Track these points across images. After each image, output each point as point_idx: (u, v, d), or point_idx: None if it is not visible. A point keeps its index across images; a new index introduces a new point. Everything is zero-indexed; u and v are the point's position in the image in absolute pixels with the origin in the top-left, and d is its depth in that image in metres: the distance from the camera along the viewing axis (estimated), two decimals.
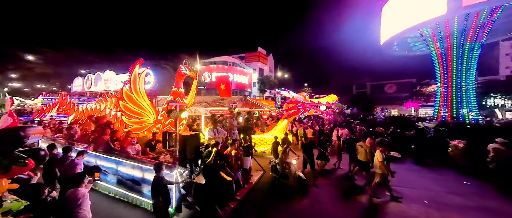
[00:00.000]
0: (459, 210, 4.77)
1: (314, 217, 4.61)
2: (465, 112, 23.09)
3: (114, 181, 5.64)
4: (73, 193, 3.08)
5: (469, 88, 23.26)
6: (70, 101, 9.29)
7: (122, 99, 5.57)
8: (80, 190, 3.14)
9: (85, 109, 8.70)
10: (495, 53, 36.15)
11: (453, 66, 23.77)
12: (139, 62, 5.56)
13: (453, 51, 23.21)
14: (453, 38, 22.63)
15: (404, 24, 24.91)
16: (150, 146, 5.86)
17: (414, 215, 4.59)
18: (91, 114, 8.45)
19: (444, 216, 4.56)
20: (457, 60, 23.30)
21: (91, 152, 6.17)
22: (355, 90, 53.61)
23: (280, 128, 8.88)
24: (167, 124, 6.19)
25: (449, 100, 24.07)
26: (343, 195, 5.59)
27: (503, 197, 5.35)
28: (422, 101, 40.62)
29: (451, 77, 23.93)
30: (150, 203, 4.84)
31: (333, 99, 8.46)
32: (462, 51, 22.86)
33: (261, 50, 42.09)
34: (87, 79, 28.19)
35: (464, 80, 23.17)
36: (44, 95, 22.30)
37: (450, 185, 6.14)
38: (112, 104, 8.12)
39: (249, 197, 5.34)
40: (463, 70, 23.22)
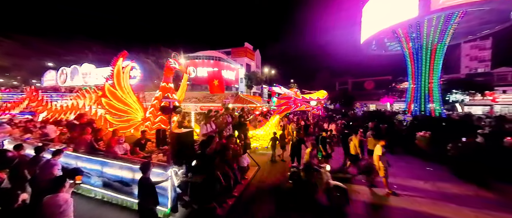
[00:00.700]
0: (420, 191, 5.54)
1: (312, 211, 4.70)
2: (432, 106, 25.42)
3: (99, 183, 5.19)
4: (52, 199, 2.77)
5: (435, 85, 25.58)
6: (42, 97, 8.25)
7: (105, 96, 5.07)
8: (61, 195, 2.83)
9: (60, 106, 7.81)
10: (457, 54, 40.09)
11: (423, 65, 25.89)
12: (122, 55, 5.06)
13: (423, 51, 25.29)
14: (423, 39, 24.64)
15: (381, 25, 26.88)
16: (140, 145, 5.47)
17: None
18: (67, 111, 7.62)
19: (409, 198, 5.22)
20: (426, 59, 25.47)
21: (71, 153, 5.60)
22: (338, 86, 55.82)
23: (272, 124, 8.89)
24: (156, 121, 5.81)
25: (420, 95, 26.24)
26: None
27: (456, 179, 6.35)
28: (396, 97, 43.69)
29: (421, 75, 26.11)
30: None
31: (323, 95, 8.67)
32: (430, 51, 25.02)
33: (248, 45, 41.40)
34: (62, 73, 25.42)
35: (431, 78, 25.42)
36: (3, 91, 19.55)
37: (415, 171, 6.98)
38: (92, 101, 7.41)
39: (246, 193, 5.29)
40: (431, 69, 25.47)
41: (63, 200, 2.78)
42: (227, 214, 4.34)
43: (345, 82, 56.03)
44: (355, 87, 53.20)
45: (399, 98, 43.11)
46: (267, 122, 8.96)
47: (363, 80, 52.17)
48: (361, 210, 4.66)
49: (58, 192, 2.85)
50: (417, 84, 26.13)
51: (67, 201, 2.82)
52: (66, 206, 2.77)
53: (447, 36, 23.86)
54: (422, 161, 8.04)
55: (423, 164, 7.73)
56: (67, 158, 5.73)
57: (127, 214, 4.52)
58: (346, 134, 6.97)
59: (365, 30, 30.88)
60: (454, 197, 5.27)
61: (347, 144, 6.46)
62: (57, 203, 2.73)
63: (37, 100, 7.87)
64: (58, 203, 2.74)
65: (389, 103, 44.70)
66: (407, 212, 4.63)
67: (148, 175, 3.47)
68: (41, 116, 7.93)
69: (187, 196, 4.39)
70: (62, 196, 2.83)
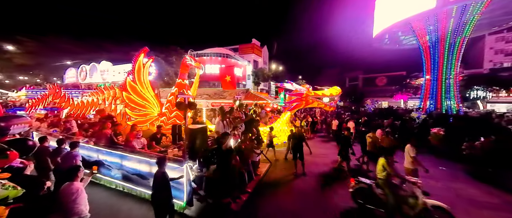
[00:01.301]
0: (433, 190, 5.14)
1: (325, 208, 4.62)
2: (451, 103, 24.02)
3: (119, 176, 5.40)
4: (68, 187, 2.92)
5: (451, 81, 24.08)
6: (65, 94, 8.70)
7: (125, 90, 5.23)
8: (75, 184, 2.97)
9: (81, 102, 8.19)
10: (480, 47, 37.38)
11: (441, 59, 24.36)
12: (143, 51, 5.16)
13: (440, 44, 23.75)
14: (441, 32, 23.11)
15: (395, 17, 25.23)
16: (156, 139, 5.62)
17: None
18: (88, 107, 7.97)
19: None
20: (444, 53, 23.90)
21: (92, 146, 5.86)
22: (348, 83, 54.27)
23: (283, 120, 8.80)
24: (172, 116, 5.92)
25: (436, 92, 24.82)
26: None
27: (471, 180, 6.04)
28: (411, 94, 41.79)
29: (437, 70, 24.63)
30: None
31: (337, 92, 8.40)
32: (448, 45, 23.42)
33: (255, 41, 41.03)
34: (81, 70, 26.64)
35: (449, 73, 23.90)
36: (28, 88, 20.87)
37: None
38: (111, 97, 7.68)
39: (259, 189, 5.29)
40: (449, 64, 23.91)
41: (75, 189, 2.92)
42: (241, 210, 4.37)
43: (356, 78, 54.32)
44: (366, 84, 51.44)
45: (414, 95, 41.21)
46: (278, 118, 8.87)
47: (375, 76, 50.32)
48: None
49: (73, 180, 3.00)
50: (434, 80, 24.73)
51: (78, 190, 2.94)
52: (77, 194, 2.90)
53: (469, 28, 22.22)
54: (435, 158, 7.69)
55: (436, 162, 7.35)
56: (89, 151, 6.03)
57: (146, 206, 4.67)
58: (363, 132, 6.75)
59: (378, 23, 29.35)
60: (470, 200, 4.97)
61: (365, 142, 6.24)
62: (71, 192, 2.88)
63: (60, 97, 8.33)
64: (71, 191, 2.88)
65: (402, 100, 42.85)
66: None
67: (164, 169, 3.54)
68: (65, 111, 8.38)
69: (202, 190, 4.46)
70: (76, 185, 2.96)
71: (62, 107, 8.57)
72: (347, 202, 4.60)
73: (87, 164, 5.91)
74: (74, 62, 31.77)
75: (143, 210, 4.48)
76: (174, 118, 5.89)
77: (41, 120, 7.89)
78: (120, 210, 4.58)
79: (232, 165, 4.26)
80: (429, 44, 24.41)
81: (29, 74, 40.35)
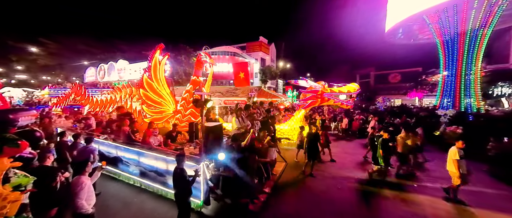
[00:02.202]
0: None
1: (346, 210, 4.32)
2: (471, 101, 22.34)
3: (136, 172, 5.40)
4: (75, 180, 3.03)
5: (472, 77, 22.31)
6: (85, 91, 8.94)
7: (142, 87, 5.18)
8: (82, 178, 3.03)
9: (100, 100, 8.36)
10: (507, 41, 34.37)
11: (464, 54, 22.56)
12: (159, 47, 5.07)
13: (460, 38, 21.99)
14: (461, 25, 21.32)
15: (410, 10, 23.37)
16: (171, 137, 5.55)
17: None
18: (107, 104, 8.12)
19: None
20: (464, 48, 22.11)
21: (111, 143, 5.92)
22: (359, 80, 52.29)
23: (297, 118, 8.48)
24: (187, 114, 5.83)
25: (458, 89, 23.12)
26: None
27: (494, 181, 5.69)
28: (427, 91, 39.54)
29: (455, 66, 22.90)
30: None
31: (355, 89, 7.95)
32: (469, 38, 21.61)
33: (262, 39, 40.24)
34: (100, 69, 27.51)
35: (470, 69, 22.14)
36: (50, 87, 21.96)
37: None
38: (128, 95, 7.75)
39: (277, 190, 5.06)
40: (470, 58, 22.10)
41: (80, 182, 2.96)
42: (260, 211, 4.18)
43: (367, 75, 52.15)
44: (378, 81, 49.22)
45: (430, 92, 38.91)
46: (292, 116, 8.57)
47: (387, 73, 48.07)
48: None
49: (81, 174, 3.07)
50: (452, 76, 23.00)
51: (82, 183, 2.97)
52: (80, 188, 2.94)
53: (495, 20, 20.33)
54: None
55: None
56: (108, 147, 6.11)
57: (162, 203, 4.62)
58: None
59: (391, 17, 27.47)
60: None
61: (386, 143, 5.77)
62: (75, 184, 2.95)
63: (81, 95, 8.56)
64: (76, 184, 2.95)
65: (417, 98, 40.62)
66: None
67: (182, 165, 3.43)
68: (86, 109, 8.62)
69: (218, 189, 4.31)
70: (82, 179, 3.01)
71: (83, 104, 8.82)
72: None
73: (106, 159, 6.03)
74: (91, 62, 33.10)
75: (161, 207, 4.43)
76: (189, 115, 5.79)
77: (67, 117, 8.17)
78: (134, 204, 4.58)
79: (251, 165, 4.06)
80: (448, 38, 22.68)
81: (51, 74, 42.55)
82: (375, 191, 5.05)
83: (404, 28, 28.06)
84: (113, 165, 5.85)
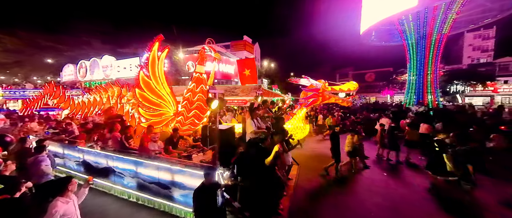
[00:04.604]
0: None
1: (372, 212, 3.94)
2: (431, 98, 24.39)
3: (133, 184, 4.46)
4: (49, 206, 2.25)
5: (429, 77, 24.50)
6: (63, 93, 7.44)
7: (138, 87, 4.23)
8: (55, 203, 2.25)
9: (82, 102, 7.02)
10: (460, 44, 38.11)
11: (423, 56, 24.64)
12: (158, 39, 4.14)
13: (422, 41, 23.98)
14: (423, 29, 23.31)
15: (380, 15, 25.18)
16: (173, 143, 4.68)
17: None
18: (90, 106, 6.83)
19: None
20: (425, 50, 24.15)
21: (100, 152, 4.86)
22: (338, 79, 54.18)
23: (299, 117, 8.03)
24: (190, 116, 4.98)
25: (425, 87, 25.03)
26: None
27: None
28: (397, 89, 42.26)
29: (418, 66, 24.96)
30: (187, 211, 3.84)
31: (354, 87, 7.72)
32: (430, 42, 23.66)
33: (246, 38, 39.05)
34: (80, 66, 24.04)
35: (431, 69, 24.25)
36: (5, 88, 18.29)
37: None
38: (115, 95, 6.59)
39: (297, 195, 4.52)
40: (431, 60, 24.22)
41: (50, 210, 2.22)
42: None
43: (346, 74, 54.23)
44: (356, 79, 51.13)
45: (399, 90, 41.70)
46: (294, 115, 8.10)
47: (364, 72, 50.50)
48: None
49: (58, 196, 2.34)
50: (418, 76, 24.99)
51: (52, 210, 2.23)
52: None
53: (447, 25, 22.50)
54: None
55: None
56: (95, 156, 5.03)
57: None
58: (392, 128, 6.11)
59: (364, 21, 29.24)
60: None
61: (396, 139, 5.58)
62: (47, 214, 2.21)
63: (59, 96, 7.08)
64: (48, 213, 2.20)
65: (389, 95, 43.32)
66: None
67: (214, 180, 2.66)
68: (64, 112, 7.17)
69: (236, 202, 3.62)
70: (53, 204, 2.27)
71: (61, 107, 7.35)
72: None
73: (94, 170, 4.96)
74: (56, 59, 28.99)
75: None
76: (193, 118, 4.96)
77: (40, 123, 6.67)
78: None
79: (274, 172, 3.45)
80: (412, 41, 24.63)
81: (6, 74, 36.04)
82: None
83: (376, 31, 29.83)
84: (102, 177, 4.81)
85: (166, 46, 4.41)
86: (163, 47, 4.35)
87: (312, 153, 7.45)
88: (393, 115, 11.40)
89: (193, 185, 3.73)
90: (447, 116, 9.78)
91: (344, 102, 7.88)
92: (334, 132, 5.49)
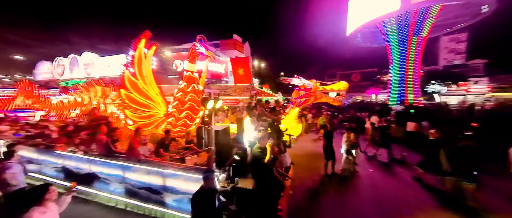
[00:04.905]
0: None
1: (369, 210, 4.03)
2: (411, 97, 26.08)
3: (120, 190, 4.16)
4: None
5: (410, 77, 26.21)
6: (39, 93, 6.77)
7: (124, 88, 3.93)
8: (30, 213, 1.99)
9: (61, 102, 6.44)
10: (437, 47, 40.84)
11: (404, 57, 26.29)
12: (144, 36, 3.86)
13: (403, 43, 25.61)
14: (404, 32, 24.95)
15: (365, 18, 26.73)
16: (164, 145, 4.43)
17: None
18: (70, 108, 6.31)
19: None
20: (406, 51, 25.78)
21: (82, 156, 4.48)
22: (326, 79, 55.68)
23: (292, 116, 8.08)
24: (181, 117, 4.76)
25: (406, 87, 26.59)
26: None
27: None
28: (381, 88, 44.30)
29: (398, 67, 26.61)
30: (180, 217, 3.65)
31: (344, 86, 7.91)
32: (410, 44, 25.33)
33: (236, 37, 38.26)
34: (58, 64, 21.98)
35: (410, 69, 25.95)
36: None
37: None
38: (98, 95, 6.14)
39: (296, 195, 4.49)
40: (410, 60, 25.93)
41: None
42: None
43: (334, 74, 55.85)
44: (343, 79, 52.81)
45: (383, 89, 43.78)
46: (287, 114, 8.12)
47: (351, 73, 52.34)
48: None
49: (34, 205, 2.07)
50: (401, 76, 26.58)
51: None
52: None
53: (426, 28, 24.21)
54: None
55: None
56: (77, 161, 4.63)
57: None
58: (384, 127, 6.32)
59: (351, 23, 30.74)
60: None
61: (388, 137, 5.77)
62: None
63: (34, 97, 6.42)
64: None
65: (374, 94, 45.29)
66: None
67: (214, 185, 2.50)
68: (39, 114, 6.52)
69: (233, 205, 3.50)
70: (28, 215, 2.00)
71: (36, 109, 6.69)
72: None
73: (76, 177, 4.56)
74: (27, 56, 26.41)
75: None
76: (185, 119, 4.73)
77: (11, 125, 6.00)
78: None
79: (273, 173, 3.38)
80: (394, 43, 26.20)
81: None
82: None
83: (361, 33, 31.33)
84: (86, 184, 4.44)
85: (154, 44, 4.13)
86: (150, 45, 4.08)
87: (303, 152, 7.49)
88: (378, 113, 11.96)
89: (187, 189, 3.56)
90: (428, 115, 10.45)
91: (335, 101, 8.05)
92: (328, 130, 5.55)
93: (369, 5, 26.43)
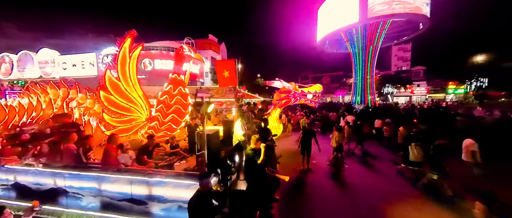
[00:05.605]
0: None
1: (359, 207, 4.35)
2: (371, 98, 30.28)
3: (95, 205, 3.71)
4: None
5: (369, 80, 30.50)
6: None
7: (104, 89, 3.52)
8: None
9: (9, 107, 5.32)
10: (389, 55, 47.55)
11: (363, 63, 30.38)
12: (130, 35, 3.55)
13: (363, 51, 29.64)
14: (363, 41, 28.91)
15: (331, 27, 30.41)
16: (148, 151, 4.13)
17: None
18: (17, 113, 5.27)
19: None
20: (365, 58, 29.87)
21: (43, 170, 3.84)
22: (300, 80, 58.84)
23: (273, 117, 8.37)
24: (166, 121, 4.50)
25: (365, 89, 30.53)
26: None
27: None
28: (346, 91, 49.07)
29: (360, 71, 30.58)
30: None
31: (320, 88, 8.59)
32: (367, 52, 29.43)
33: (212, 37, 37.32)
34: (3, 61, 17.57)
35: (369, 74, 30.09)
36: None
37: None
38: (60, 98, 5.32)
39: (285, 194, 4.65)
40: (369, 66, 30.08)
41: None
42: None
43: (306, 77, 59.51)
44: (315, 82, 57.21)
45: (348, 91, 48.61)
46: (269, 115, 8.37)
47: (321, 75, 56.47)
48: None
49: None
50: (362, 79, 30.49)
51: None
52: None
53: (377, 39, 28.72)
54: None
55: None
56: (37, 176, 3.93)
57: None
58: (359, 125, 7.08)
59: (320, 31, 34.05)
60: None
61: (362, 134, 6.49)
62: None
63: None
64: None
65: (341, 96, 49.94)
66: None
67: (210, 186, 2.46)
68: None
69: (226, 207, 3.50)
70: None
71: None
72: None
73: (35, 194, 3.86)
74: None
75: None
76: (170, 123, 4.48)
77: None
78: None
79: (265, 173, 3.50)
80: (356, 50, 30.04)
81: None
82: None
83: (329, 41, 34.92)
84: (50, 202, 3.80)
85: (140, 43, 3.83)
86: (136, 45, 3.77)
87: (282, 151, 7.82)
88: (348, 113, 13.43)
89: (177, 196, 3.40)
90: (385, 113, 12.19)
91: (312, 103, 8.67)
92: (307, 129, 5.99)
93: (334, 16, 29.84)
